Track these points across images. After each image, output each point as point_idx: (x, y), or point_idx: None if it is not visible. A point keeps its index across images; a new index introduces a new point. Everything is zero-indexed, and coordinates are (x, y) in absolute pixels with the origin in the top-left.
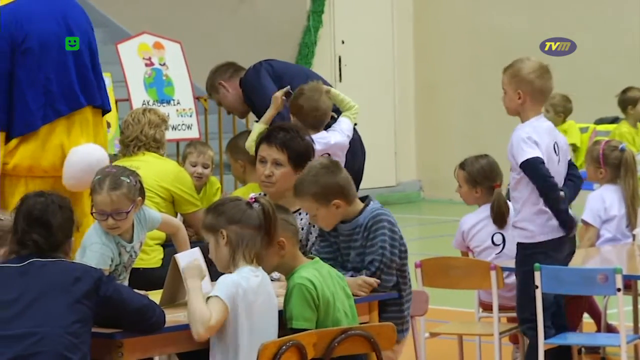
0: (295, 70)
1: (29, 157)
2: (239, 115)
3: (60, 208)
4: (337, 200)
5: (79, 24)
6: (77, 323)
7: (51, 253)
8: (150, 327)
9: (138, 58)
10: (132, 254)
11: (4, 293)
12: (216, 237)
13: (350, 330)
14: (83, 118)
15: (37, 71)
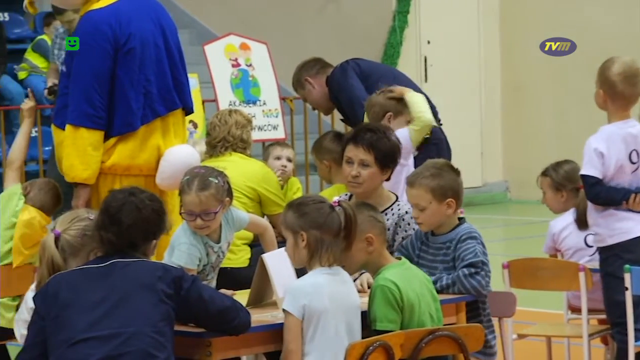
0: (382, 70)
1: (128, 156)
2: (323, 112)
3: (139, 209)
4: (451, 200)
5: (169, 24)
6: (162, 322)
7: (129, 252)
8: (234, 328)
9: (225, 59)
10: (219, 254)
11: (89, 294)
12: (295, 237)
13: (438, 330)
14: (176, 119)
15: (137, 72)
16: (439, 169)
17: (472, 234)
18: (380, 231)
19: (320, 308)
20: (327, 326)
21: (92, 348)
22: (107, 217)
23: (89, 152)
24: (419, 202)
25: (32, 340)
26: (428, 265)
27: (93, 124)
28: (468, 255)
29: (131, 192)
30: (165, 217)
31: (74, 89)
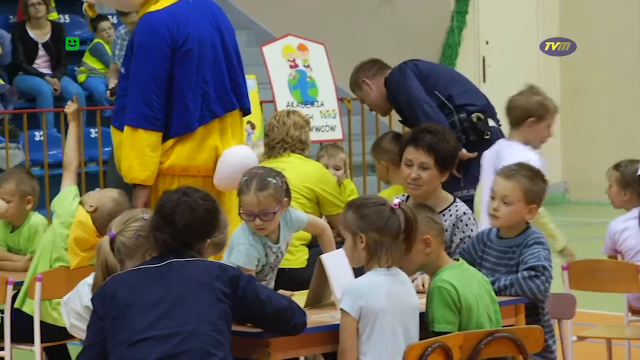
0: (441, 71)
1: (186, 157)
2: (380, 113)
3: (192, 209)
4: (535, 207)
5: (226, 25)
6: (219, 320)
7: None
8: (291, 329)
9: (283, 60)
10: (278, 255)
11: (147, 294)
12: (354, 238)
13: (497, 332)
14: (234, 120)
15: (195, 73)
16: (535, 173)
17: (539, 239)
18: (438, 232)
19: (378, 308)
20: (383, 326)
21: (151, 347)
22: (161, 218)
23: (147, 154)
24: (509, 195)
25: (92, 341)
26: (490, 268)
27: (151, 125)
28: (531, 259)
29: (185, 192)
30: (219, 216)
31: (132, 90)
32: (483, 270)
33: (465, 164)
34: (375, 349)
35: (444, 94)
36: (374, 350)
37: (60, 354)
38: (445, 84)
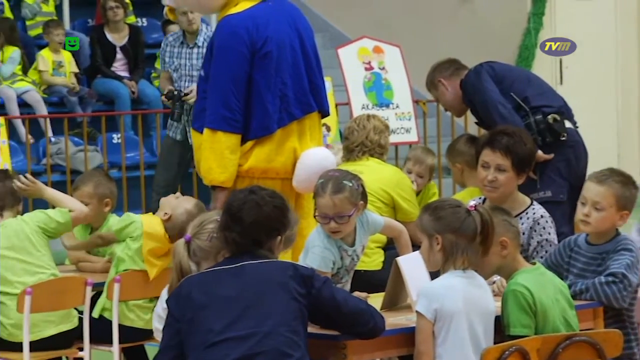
0: (517, 73)
1: (264, 159)
2: (455, 114)
3: (259, 205)
4: (626, 213)
5: (305, 27)
6: (295, 320)
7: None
8: (368, 332)
9: (358, 62)
10: (354, 258)
11: (222, 295)
12: (430, 240)
13: (575, 336)
14: (312, 122)
15: (274, 75)
16: (627, 179)
17: (627, 246)
18: (515, 235)
19: (453, 310)
20: (459, 329)
21: (229, 348)
22: (229, 217)
23: (226, 156)
24: (601, 201)
25: (168, 343)
26: (577, 274)
27: (230, 127)
28: (614, 265)
29: (251, 191)
30: (288, 214)
31: (212, 93)
32: (570, 277)
33: (541, 165)
34: (450, 351)
35: (519, 96)
36: (449, 352)
37: (138, 355)
38: (521, 85)
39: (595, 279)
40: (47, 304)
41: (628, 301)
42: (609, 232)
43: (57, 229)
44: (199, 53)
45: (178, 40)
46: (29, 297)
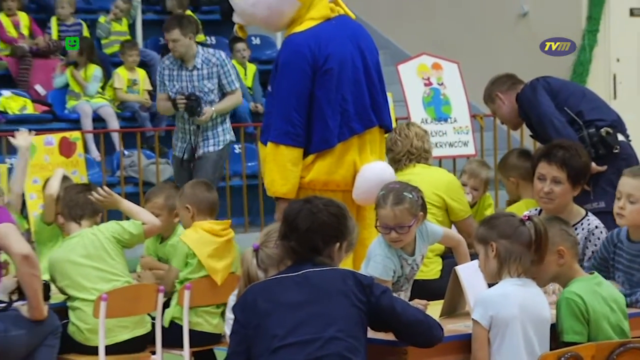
0: (571, 88)
1: (325, 172)
2: (511, 127)
3: (313, 213)
4: None
5: (368, 45)
6: (355, 326)
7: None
8: (426, 341)
9: (417, 78)
10: (413, 267)
11: (286, 303)
12: (486, 248)
13: (630, 343)
14: (372, 137)
15: (335, 91)
16: None
17: None
18: (572, 245)
19: (508, 318)
20: (514, 336)
21: (293, 354)
22: (287, 226)
23: (288, 168)
24: (634, 193)
25: (235, 349)
26: (623, 270)
27: (292, 141)
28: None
29: (306, 200)
30: (345, 220)
31: (276, 108)
32: (618, 273)
33: (594, 177)
34: (506, 358)
35: (573, 110)
36: (504, 359)
37: (207, 359)
38: (575, 100)
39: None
40: (121, 310)
41: None
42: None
43: (130, 240)
44: (199, 75)
45: (176, 63)
46: (104, 303)
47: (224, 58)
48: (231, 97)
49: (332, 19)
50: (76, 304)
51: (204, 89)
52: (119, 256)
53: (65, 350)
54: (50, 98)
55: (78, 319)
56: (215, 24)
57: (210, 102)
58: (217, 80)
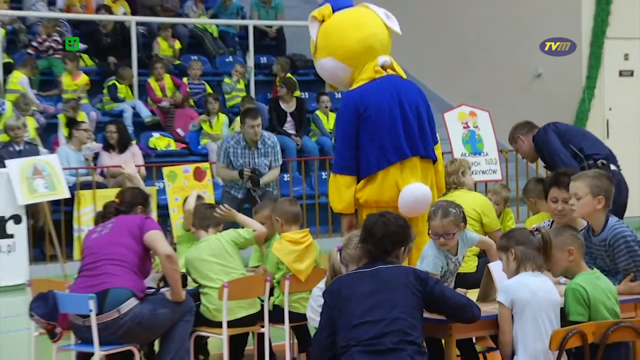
0: (574, 130)
1: (374, 194)
2: (529, 161)
3: (386, 224)
4: (601, 197)
5: (408, 95)
6: (414, 309)
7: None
8: (468, 319)
9: (458, 123)
10: (456, 264)
11: (362, 291)
12: (507, 254)
13: (622, 322)
14: (412, 164)
15: (373, 132)
16: (599, 174)
17: (616, 235)
18: (579, 246)
19: (524, 300)
20: (529, 313)
21: (366, 329)
22: (366, 233)
23: (342, 191)
24: (579, 192)
25: (324, 324)
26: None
27: (344, 171)
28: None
29: (381, 214)
30: (409, 230)
31: (335, 147)
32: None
33: None
34: (523, 330)
35: (576, 147)
36: (523, 330)
37: (302, 331)
38: (577, 139)
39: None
40: (238, 295)
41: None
42: (598, 225)
43: (244, 243)
44: (259, 153)
45: (239, 143)
46: (226, 290)
47: (276, 141)
48: (275, 171)
49: (377, 79)
50: (206, 290)
51: (262, 164)
52: (236, 255)
53: (198, 324)
54: (187, 138)
55: (207, 301)
56: (309, 82)
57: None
58: (270, 157)
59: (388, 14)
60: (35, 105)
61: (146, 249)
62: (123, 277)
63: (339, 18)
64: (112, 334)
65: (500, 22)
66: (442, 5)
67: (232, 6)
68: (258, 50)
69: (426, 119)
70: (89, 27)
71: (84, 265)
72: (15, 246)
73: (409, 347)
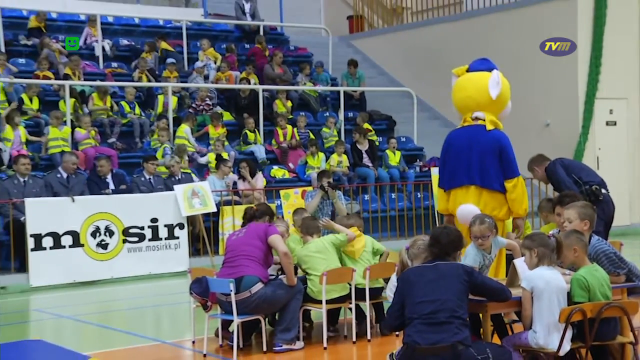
0: (575, 164)
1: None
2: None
3: (448, 234)
4: (586, 221)
5: (479, 142)
6: (461, 294)
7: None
8: (503, 300)
9: None
10: (490, 260)
11: (424, 279)
12: (530, 252)
13: (612, 303)
14: (468, 189)
15: (445, 161)
16: (588, 205)
17: (597, 251)
18: (582, 246)
19: (540, 287)
20: (545, 297)
21: (425, 306)
22: (433, 240)
23: (438, 197)
24: (570, 217)
25: (396, 300)
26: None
27: (440, 185)
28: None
29: (445, 227)
30: (462, 239)
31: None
32: None
33: None
34: (539, 308)
35: (577, 176)
36: (538, 309)
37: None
38: (578, 170)
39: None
40: (334, 280)
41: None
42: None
43: (340, 244)
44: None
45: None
46: (325, 277)
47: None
48: (343, 205)
49: (466, 126)
50: (311, 277)
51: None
52: (333, 253)
53: (305, 301)
54: (297, 169)
55: (312, 285)
56: (382, 130)
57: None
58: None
59: (497, 81)
60: (193, 146)
61: (269, 247)
62: (253, 268)
63: (462, 78)
64: (246, 307)
65: (516, 85)
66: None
67: (325, 75)
68: (346, 107)
69: (492, 160)
70: (231, 93)
71: (226, 259)
72: (179, 244)
73: (455, 321)
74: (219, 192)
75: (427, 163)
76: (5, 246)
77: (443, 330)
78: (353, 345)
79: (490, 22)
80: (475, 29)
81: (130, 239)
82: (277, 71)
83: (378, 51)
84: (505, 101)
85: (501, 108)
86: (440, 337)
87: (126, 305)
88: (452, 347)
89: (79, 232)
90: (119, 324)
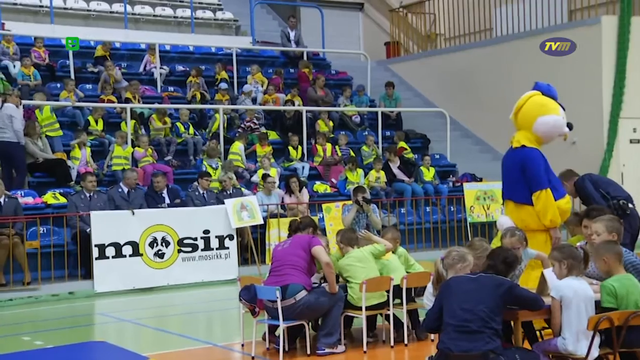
0: (603, 179)
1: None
2: (573, 197)
3: (499, 255)
4: (614, 233)
5: (512, 161)
6: (496, 306)
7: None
8: (537, 308)
9: None
10: (521, 270)
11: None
12: (560, 264)
13: (638, 312)
14: (507, 204)
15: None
16: (615, 218)
17: (627, 265)
18: (614, 254)
19: (569, 296)
20: (574, 305)
21: (460, 314)
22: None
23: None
24: (599, 230)
25: (435, 305)
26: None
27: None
28: None
29: (502, 248)
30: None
31: None
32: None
33: None
34: (568, 316)
35: (604, 190)
36: (567, 317)
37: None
38: (605, 185)
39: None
40: (373, 288)
41: None
42: None
43: (379, 254)
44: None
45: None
46: (365, 285)
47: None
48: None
49: (510, 147)
50: (351, 285)
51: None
52: (373, 262)
53: (346, 308)
54: (338, 185)
55: (352, 293)
56: (417, 148)
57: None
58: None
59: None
60: (242, 163)
61: (312, 257)
62: (297, 276)
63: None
64: (291, 313)
65: None
66: (504, 95)
67: (365, 97)
68: (384, 127)
69: (517, 175)
70: (277, 114)
71: (272, 268)
72: (229, 254)
73: (487, 331)
74: (266, 205)
75: (459, 179)
76: (72, 255)
77: (475, 339)
78: (391, 349)
79: (519, 47)
80: (504, 53)
81: (184, 249)
82: (319, 93)
83: (413, 74)
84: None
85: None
86: (472, 346)
87: (181, 311)
88: (484, 356)
89: (138, 242)
90: (174, 328)
